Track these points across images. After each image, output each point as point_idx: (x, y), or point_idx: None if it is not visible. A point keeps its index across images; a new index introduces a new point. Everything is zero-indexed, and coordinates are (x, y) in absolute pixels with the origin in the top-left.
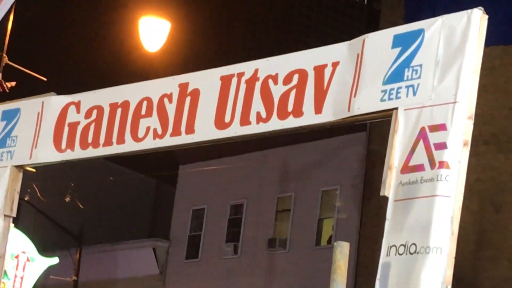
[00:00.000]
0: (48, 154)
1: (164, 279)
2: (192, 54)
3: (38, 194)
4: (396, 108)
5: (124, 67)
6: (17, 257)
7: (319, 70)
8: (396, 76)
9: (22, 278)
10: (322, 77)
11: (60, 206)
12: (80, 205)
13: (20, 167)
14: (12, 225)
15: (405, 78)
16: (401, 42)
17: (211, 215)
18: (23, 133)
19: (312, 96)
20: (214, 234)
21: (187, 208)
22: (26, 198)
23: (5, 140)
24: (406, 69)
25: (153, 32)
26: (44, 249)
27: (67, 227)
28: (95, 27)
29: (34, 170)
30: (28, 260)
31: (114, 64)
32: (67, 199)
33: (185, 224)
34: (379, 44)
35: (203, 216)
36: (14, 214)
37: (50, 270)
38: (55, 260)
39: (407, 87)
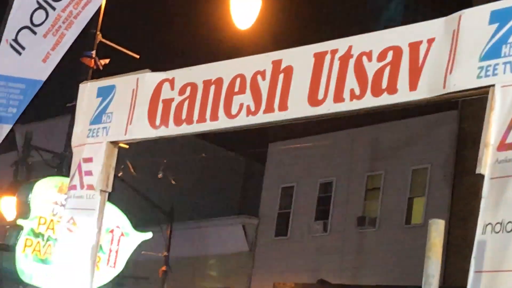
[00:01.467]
0: (142, 130)
1: (253, 256)
2: (282, 32)
3: (131, 171)
4: (493, 85)
5: (215, 45)
6: (111, 231)
7: (414, 46)
8: (493, 52)
9: (116, 252)
10: (417, 54)
11: (152, 182)
12: (173, 181)
13: (115, 143)
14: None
15: (502, 54)
16: (498, 18)
17: (300, 193)
18: (118, 109)
19: (407, 73)
20: (303, 212)
21: (276, 185)
22: (119, 175)
23: (101, 117)
24: (504, 46)
25: (244, 9)
26: (135, 225)
27: (159, 203)
28: (187, 5)
29: (127, 146)
30: (122, 234)
31: (206, 42)
32: (160, 176)
33: (274, 202)
34: (475, 20)
35: (292, 193)
36: (110, 189)
37: (141, 245)
38: (148, 235)
39: (505, 63)
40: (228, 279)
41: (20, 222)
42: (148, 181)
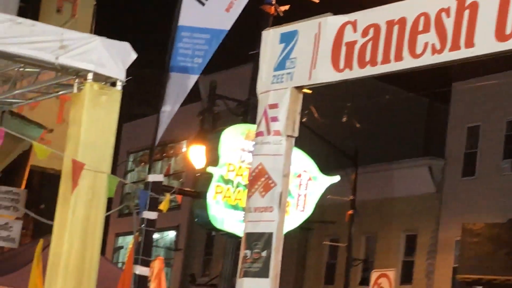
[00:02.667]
0: (326, 74)
1: (440, 197)
2: None
3: (316, 115)
4: None
5: None
6: (299, 176)
7: None
8: None
9: (305, 196)
10: None
11: (335, 127)
12: (357, 125)
13: (299, 88)
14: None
15: None
16: None
17: (487, 132)
18: (302, 54)
19: None
20: (490, 151)
21: (462, 125)
22: (303, 120)
23: (284, 62)
24: None
25: None
26: (320, 170)
27: (343, 147)
28: None
29: (310, 91)
30: (310, 179)
31: None
32: (344, 119)
33: (460, 142)
34: None
35: (478, 133)
36: (296, 134)
37: (327, 190)
38: (336, 178)
39: None
40: (415, 221)
41: (210, 169)
42: (331, 125)
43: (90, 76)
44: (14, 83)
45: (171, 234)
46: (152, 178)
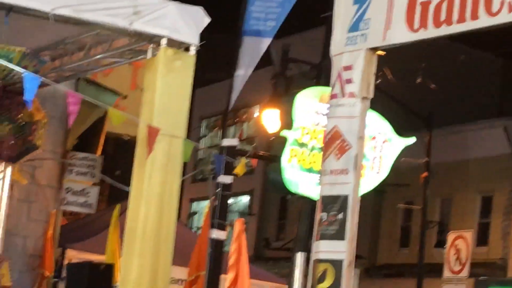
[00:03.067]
0: (401, 34)
1: None
2: None
3: (390, 77)
4: None
5: None
6: (374, 138)
7: None
8: None
9: (380, 158)
10: None
11: (408, 88)
12: (432, 86)
13: (374, 49)
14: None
15: None
16: None
17: None
18: (376, 15)
19: None
20: None
21: None
22: (377, 82)
23: (358, 24)
24: None
25: None
26: (395, 132)
27: (416, 109)
28: None
29: (383, 53)
30: (385, 140)
31: None
32: (418, 81)
33: None
34: None
35: None
36: (371, 96)
37: (401, 152)
38: (411, 140)
39: None
40: (491, 182)
41: (284, 133)
42: (405, 87)
43: (163, 41)
44: (89, 50)
45: (244, 199)
46: (226, 142)
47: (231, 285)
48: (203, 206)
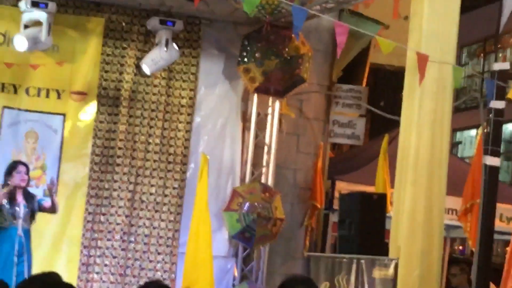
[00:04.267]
0: None
1: None
2: None
3: None
4: None
5: None
6: None
7: None
8: None
9: None
10: None
11: None
12: None
13: None
14: None
15: None
16: None
17: None
18: None
19: None
20: None
21: None
22: None
23: None
24: None
25: None
26: None
27: None
28: None
29: None
30: None
31: None
32: None
33: None
34: None
35: None
36: None
37: None
38: None
39: None
40: None
41: None
42: None
43: None
44: None
45: (510, 127)
46: (497, 66)
47: None
48: (467, 136)
